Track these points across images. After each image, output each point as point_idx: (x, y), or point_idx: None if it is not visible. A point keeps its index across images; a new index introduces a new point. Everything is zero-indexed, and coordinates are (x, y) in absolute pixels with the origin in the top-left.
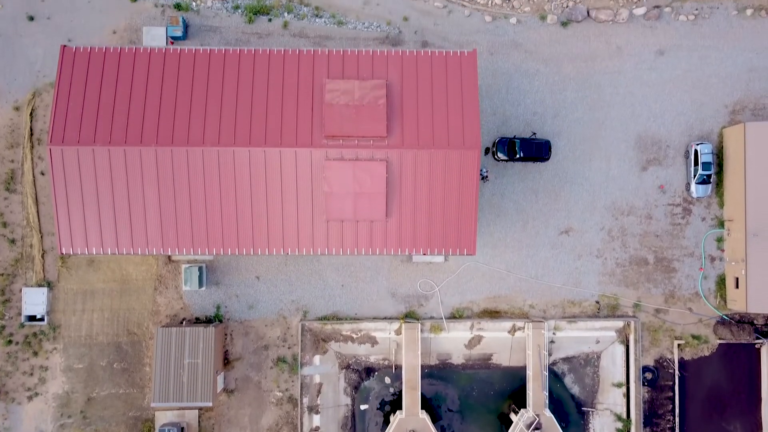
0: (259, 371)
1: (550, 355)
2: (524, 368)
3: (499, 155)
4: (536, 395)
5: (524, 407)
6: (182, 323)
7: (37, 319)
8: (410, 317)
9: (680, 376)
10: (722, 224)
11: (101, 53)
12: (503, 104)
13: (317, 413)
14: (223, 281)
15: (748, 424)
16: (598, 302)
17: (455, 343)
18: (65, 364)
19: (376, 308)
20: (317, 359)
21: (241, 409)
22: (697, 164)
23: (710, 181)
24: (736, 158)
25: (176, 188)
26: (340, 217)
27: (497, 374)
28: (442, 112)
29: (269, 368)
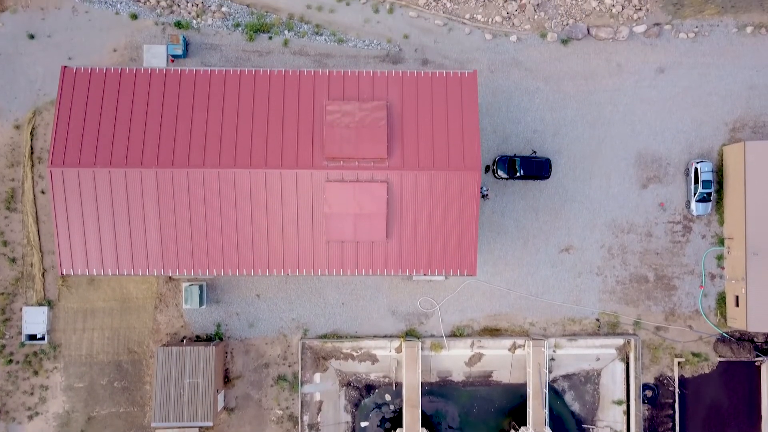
0: (259, 389)
1: (550, 372)
2: (524, 385)
3: (499, 173)
4: (536, 413)
5: (525, 425)
6: (183, 341)
7: (37, 338)
8: (411, 335)
9: (680, 393)
10: (722, 242)
11: (102, 74)
12: (503, 122)
13: (318, 431)
14: (223, 299)
15: None
16: (598, 320)
17: (455, 360)
18: (66, 383)
19: (376, 326)
20: (318, 377)
21: (241, 427)
22: (697, 182)
23: (710, 199)
24: (736, 176)
25: (177, 209)
26: (340, 237)
27: (497, 391)
28: (442, 133)
29: (270, 386)
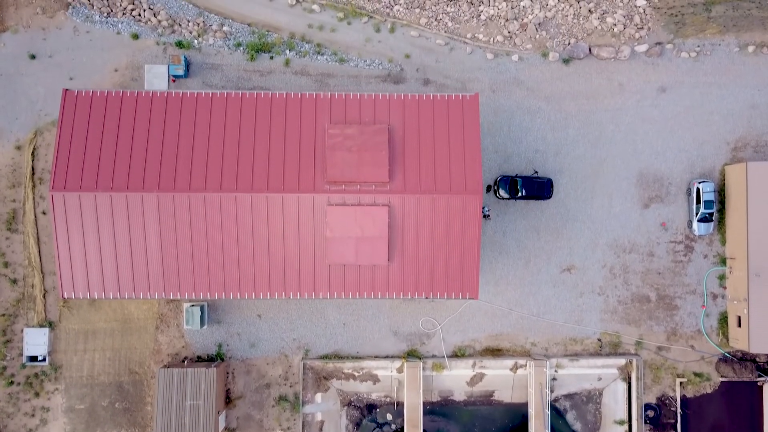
0: (260, 410)
1: (552, 392)
2: (526, 405)
3: (500, 193)
4: None
5: None
6: (184, 362)
7: (38, 359)
8: (412, 356)
9: (682, 413)
10: (724, 261)
11: (103, 97)
12: (505, 142)
13: None
14: (224, 320)
15: None
16: (600, 340)
17: (457, 380)
18: (67, 404)
19: (377, 347)
20: (319, 397)
21: None
22: (699, 202)
23: (712, 219)
24: (738, 197)
25: (178, 233)
26: (342, 261)
27: (499, 411)
28: (444, 156)
29: (271, 407)
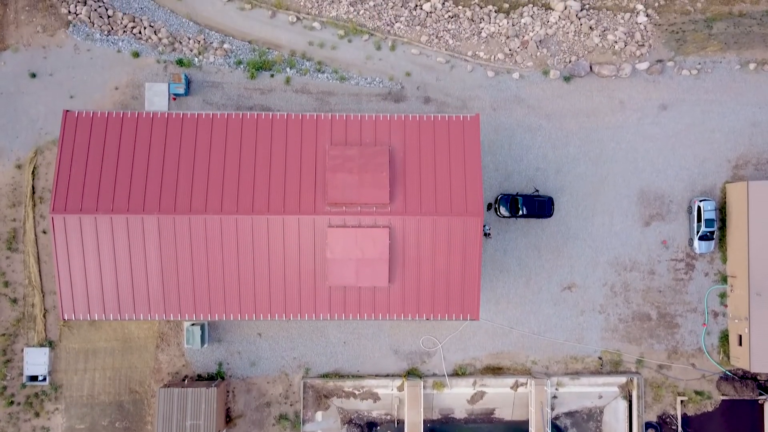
0: (261, 428)
1: (552, 410)
2: (527, 423)
3: (501, 212)
4: None
5: None
6: (184, 381)
7: (38, 379)
8: (413, 374)
9: None
10: (725, 279)
11: (103, 118)
12: (506, 160)
13: None
14: (225, 338)
15: None
16: (600, 358)
17: (458, 398)
18: (67, 424)
19: (378, 365)
20: (319, 415)
21: None
22: (700, 221)
23: (713, 237)
24: (739, 215)
25: (179, 255)
26: (342, 283)
27: (500, 429)
28: (445, 177)
29: (271, 425)
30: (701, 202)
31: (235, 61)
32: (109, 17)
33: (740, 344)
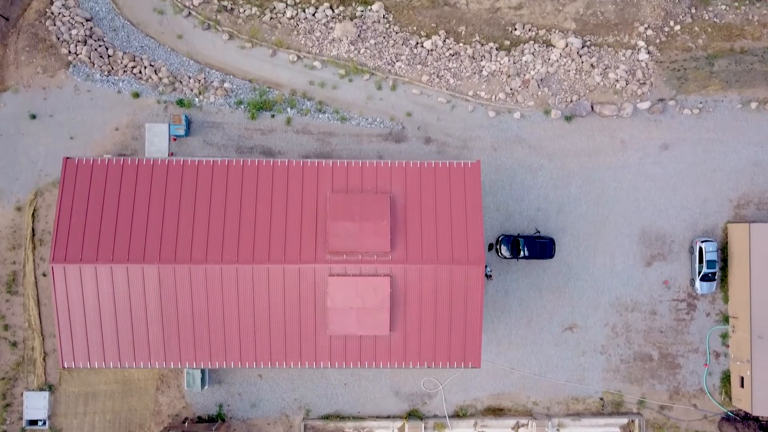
0: None
1: None
2: None
3: (503, 253)
4: None
5: None
6: (185, 423)
7: (38, 423)
8: (414, 416)
9: None
10: (727, 319)
11: (104, 165)
12: (507, 200)
13: None
14: (225, 380)
15: None
16: (602, 399)
17: None
18: None
19: (379, 406)
20: None
21: None
22: (701, 262)
23: (715, 278)
24: (740, 257)
25: (179, 304)
26: (343, 332)
27: None
28: (446, 224)
29: None
30: (703, 242)
31: (235, 101)
32: (109, 57)
33: (742, 386)
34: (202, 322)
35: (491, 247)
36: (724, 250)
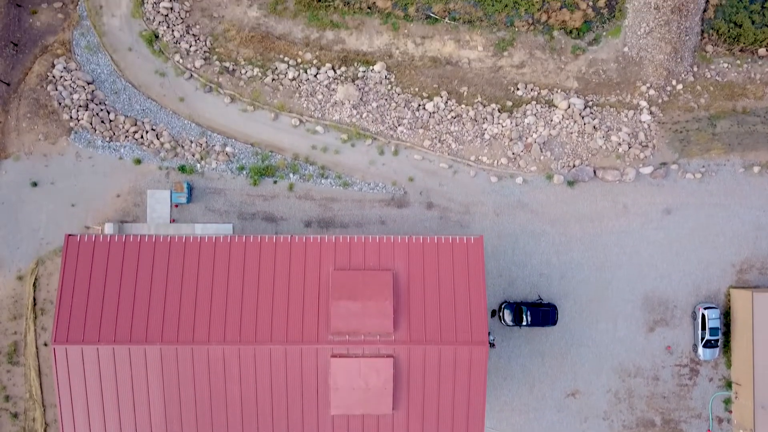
0: None
1: None
2: None
3: (506, 319)
4: None
5: None
6: None
7: None
8: None
9: None
10: (730, 385)
11: (105, 243)
12: (509, 265)
13: None
14: None
15: None
16: None
17: None
18: None
19: None
20: None
21: None
22: (704, 329)
23: (718, 344)
24: (744, 324)
25: (181, 385)
26: (345, 411)
27: None
28: (449, 303)
29: None
30: (706, 309)
31: (237, 166)
32: (110, 121)
33: None
34: (204, 403)
35: (494, 313)
36: (727, 314)
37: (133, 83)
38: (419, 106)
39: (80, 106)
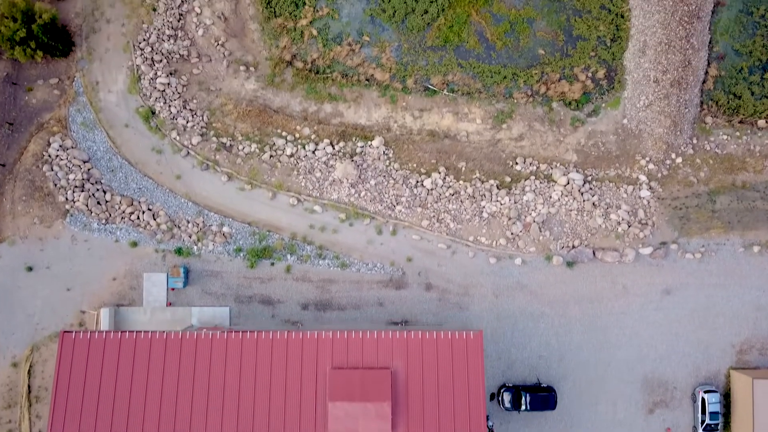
0: None
1: None
2: None
3: (505, 404)
4: None
5: None
6: None
7: None
8: None
9: None
10: None
11: (101, 339)
12: (508, 348)
13: None
14: None
15: None
16: None
17: None
18: None
19: None
20: None
21: None
22: (704, 412)
23: (717, 428)
24: (744, 409)
25: None
26: None
27: None
28: (447, 400)
29: None
30: (706, 393)
31: (234, 248)
32: (106, 202)
33: None
34: None
35: (493, 396)
36: (727, 395)
37: (129, 160)
38: (417, 182)
39: (76, 186)
